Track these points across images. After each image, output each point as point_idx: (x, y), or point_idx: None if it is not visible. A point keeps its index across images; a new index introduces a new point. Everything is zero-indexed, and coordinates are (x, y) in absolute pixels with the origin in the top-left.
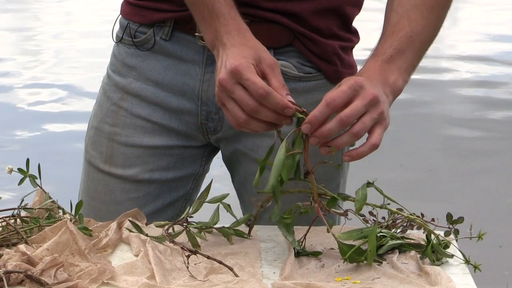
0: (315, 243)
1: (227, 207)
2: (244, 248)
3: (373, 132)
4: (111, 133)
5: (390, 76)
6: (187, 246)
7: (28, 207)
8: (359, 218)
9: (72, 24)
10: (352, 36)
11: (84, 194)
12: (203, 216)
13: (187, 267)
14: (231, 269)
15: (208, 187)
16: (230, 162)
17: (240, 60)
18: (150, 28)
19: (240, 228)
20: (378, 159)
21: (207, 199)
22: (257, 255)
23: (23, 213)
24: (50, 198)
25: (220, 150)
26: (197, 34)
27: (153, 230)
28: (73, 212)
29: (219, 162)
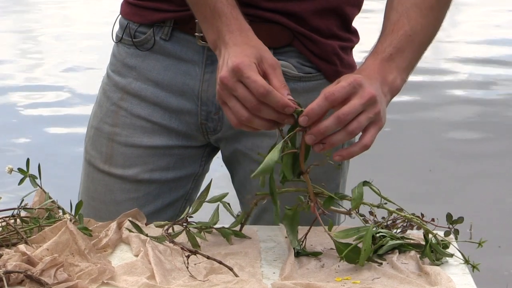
0: (315, 243)
1: (227, 206)
2: (244, 248)
3: (366, 132)
4: (111, 133)
5: (389, 75)
6: (187, 246)
7: (28, 207)
8: (359, 218)
9: (72, 26)
10: (352, 36)
11: (84, 194)
12: (203, 216)
13: (187, 267)
14: (231, 269)
15: (208, 187)
16: (229, 162)
17: (242, 58)
18: (150, 28)
19: (238, 229)
20: (379, 159)
21: (206, 199)
22: (257, 255)
23: (23, 213)
24: (50, 198)
25: (220, 150)
26: (197, 34)
27: (153, 230)
28: (73, 212)
29: (219, 162)
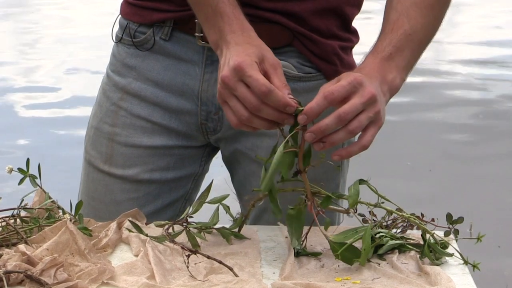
0: (315, 243)
1: (227, 209)
2: (244, 248)
3: (366, 131)
4: (110, 133)
5: (388, 74)
6: (187, 246)
7: (28, 207)
8: (357, 217)
9: (72, 27)
10: (351, 36)
11: (84, 194)
12: (203, 216)
13: (187, 267)
14: (231, 269)
15: (208, 188)
16: (229, 162)
17: (243, 57)
18: (150, 28)
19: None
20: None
21: (207, 200)
22: (257, 255)
23: (23, 213)
24: (50, 198)
25: (219, 150)
26: (196, 34)
27: (153, 230)
28: (73, 212)
29: (219, 163)
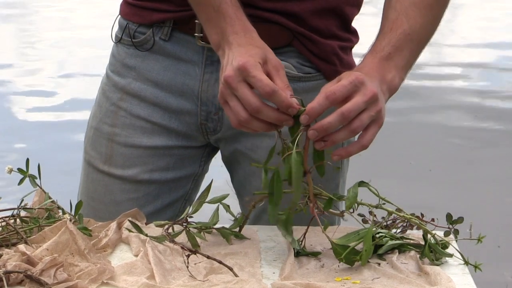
0: (314, 243)
1: (227, 208)
2: (244, 248)
3: (367, 131)
4: (110, 133)
5: (387, 74)
6: (187, 246)
7: (27, 207)
8: (355, 218)
9: (71, 30)
10: (351, 36)
11: (84, 195)
12: (203, 216)
13: (187, 267)
14: (230, 269)
15: (208, 187)
16: (229, 163)
17: (247, 58)
18: (149, 29)
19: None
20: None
21: (207, 199)
22: (256, 255)
23: (22, 213)
24: (50, 198)
25: (219, 150)
26: (196, 34)
27: (152, 230)
28: (72, 212)
29: (219, 163)
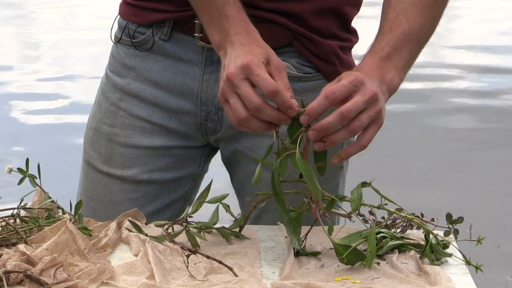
0: (314, 243)
1: (227, 208)
2: (244, 248)
3: (366, 131)
4: (110, 133)
5: (387, 74)
6: (186, 246)
7: (27, 207)
8: (359, 219)
9: (72, 31)
10: (351, 36)
11: (83, 195)
12: (203, 216)
13: (187, 267)
14: (230, 269)
15: (208, 187)
16: (229, 163)
17: (251, 57)
18: (149, 29)
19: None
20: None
21: (206, 199)
22: (256, 255)
23: (22, 213)
24: (50, 198)
25: (219, 150)
26: (196, 34)
27: (152, 230)
28: (72, 212)
29: (218, 163)
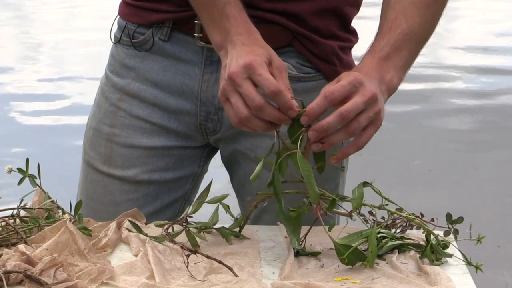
0: (314, 243)
1: (226, 208)
2: (244, 248)
3: (364, 132)
4: (109, 134)
5: (386, 74)
6: (186, 246)
7: (27, 207)
8: (360, 218)
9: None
10: (351, 36)
11: (83, 195)
12: (203, 216)
13: (187, 267)
14: (230, 269)
15: (208, 187)
16: (229, 163)
17: (254, 56)
18: (149, 29)
19: (237, 231)
20: (378, 159)
21: (206, 199)
22: (256, 255)
23: (22, 213)
24: (50, 198)
25: (218, 151)
26: (196, 34)
27: (152, 230)
28: (72, 212)
29: (219, 163)
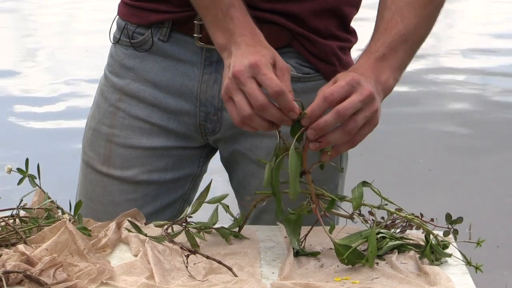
0: (314, 243)
1: (226, 208)
2: (243, 248)
3: (359, 131)
4: (109, 134)
5: (382, 75)
6: (186, 246)
7: (27, 207)
8: (360, 218)
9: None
10: (350, 36)
11: (82, 196)
12: (203, 216)
13: (186, 267)
14: (230, 269)
15: (207, 187)
16: (228, 163)
17: (259, 57)
18: (148, 29)
19: (237, 231)
20: (378, 159)
21: (206, 199)
22: (256, 255)
23: (22, 213)
24: (49, 198)
25: (218, 151)
26: (195, 35)
27: (152, 230)
28: (72, 212)
29: (218, 163)
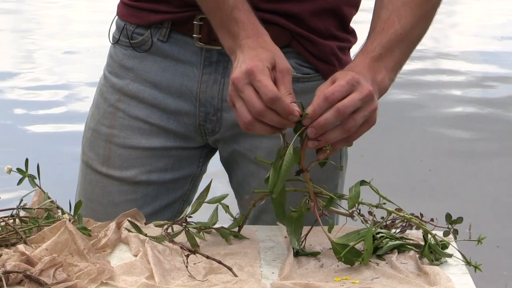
0: (314, 243)
1: (226, 208)
2: (243, 248)
3: (356, 130)
4: (108, 134)
5: (378, 75)
6: (186, 246)
7: (27, 207)
8: (360, 218)
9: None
10: (350, 36)
11: (81, 196)
12: (202, 216)
13: (186, 267)
14: (230, 269)
15: (207, 187)
16: (228, 163)
17: (256, 62)
18: (147, 30)
19: (237, 231)
20: (377, 159)
21: (206, 199)
22: (256, 255)
23: (22, 213)
24: (49, 198)
25: (217, 151)
26: (195, 35)
27: (152, 230)
28: (72, 212)
29: (218, 162)
